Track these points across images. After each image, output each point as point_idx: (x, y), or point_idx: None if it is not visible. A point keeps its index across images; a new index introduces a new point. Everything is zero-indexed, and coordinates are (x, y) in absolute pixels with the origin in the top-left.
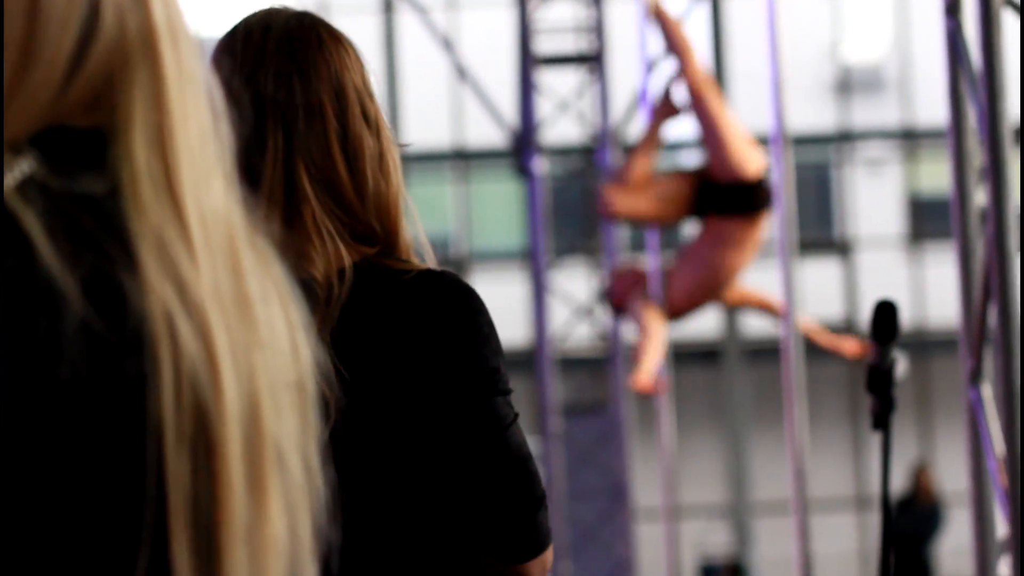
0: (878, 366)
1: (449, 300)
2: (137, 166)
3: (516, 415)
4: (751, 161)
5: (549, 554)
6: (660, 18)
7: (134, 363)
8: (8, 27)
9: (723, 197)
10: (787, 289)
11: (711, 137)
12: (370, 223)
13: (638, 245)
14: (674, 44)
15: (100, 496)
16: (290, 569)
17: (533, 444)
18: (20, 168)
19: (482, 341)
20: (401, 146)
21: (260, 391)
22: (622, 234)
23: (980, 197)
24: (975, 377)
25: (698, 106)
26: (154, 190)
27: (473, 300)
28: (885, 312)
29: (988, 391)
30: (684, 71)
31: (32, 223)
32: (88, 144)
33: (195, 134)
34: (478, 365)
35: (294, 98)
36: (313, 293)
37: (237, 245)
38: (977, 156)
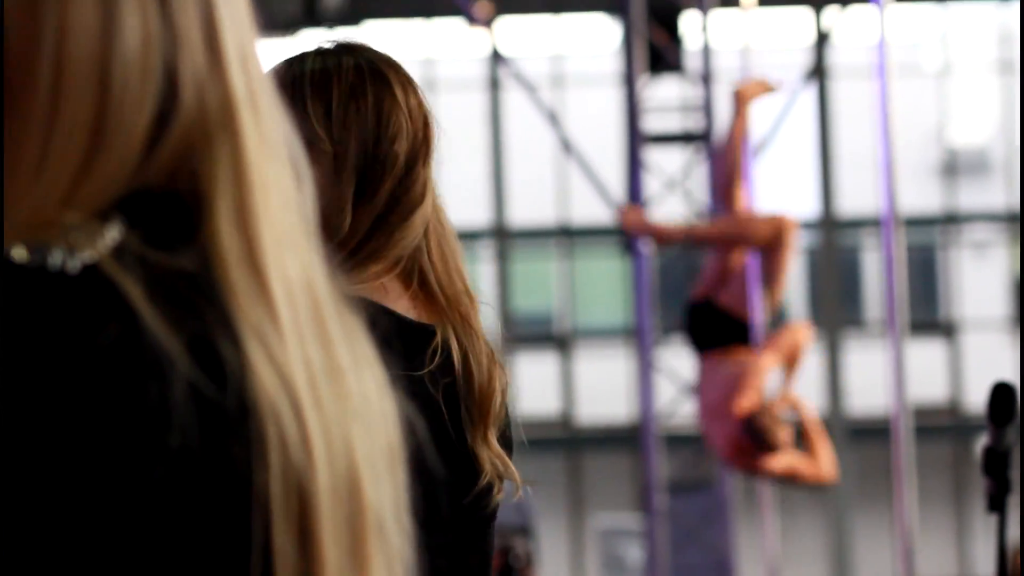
0: (995, 448)
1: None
2: (222, 244)
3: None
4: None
5: None
6: (740, 104)
7: (241, 433)
8: (73, 109)
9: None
10: (897, 369)
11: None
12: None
13: None
14: (737, 130)
15: (207, 571)
16: None
17: (638, 521)
18: (110, 235)
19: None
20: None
21: (359, 464)
22: None
23: None
24: None
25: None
26: (240, 267)
27: None
28: (1002, 394)
29: None
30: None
31: (133, 289)
32: (174, 213)
33: (277, 203)
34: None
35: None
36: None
37: (324, 315)
38: None
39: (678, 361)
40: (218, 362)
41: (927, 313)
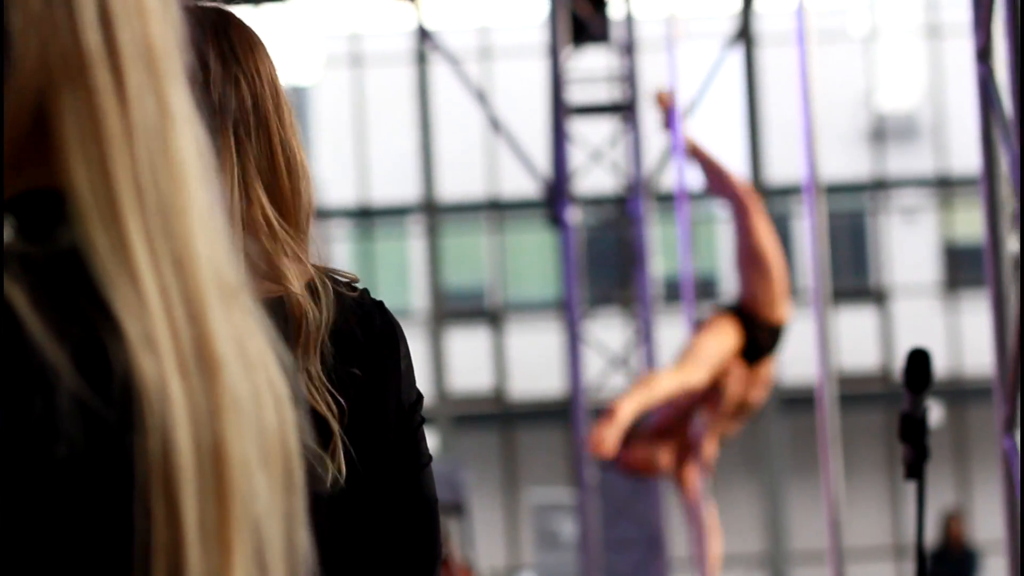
0: (911, 415)
1: (393, 325)
2: (84, 210)
3: (430, 457)
4: (785, 303)
5: None
6: (697, 155)
7: (125, 432)
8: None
9: (766, 337)
10: (821, 338)
11: (758, 270)
12: (305, 236)
13: (673, 295)
14: (714, 177)
15: (96, 561)
16: None
17: (569, 495)
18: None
19: (412, 370)
20: None
21: (227, 456)
22: (656, 283)
23: (1014, 244)
24: (1010, 425)
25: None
26: (103, 234)
27: (399, 326)
28: (918, 360)
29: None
30: (735, 201)
31: (18, 298)
32: (49, 200)
33: (150, 171)
34: (412, 394)
35: (244, 104)
36: (293, 312)
37: (203, 303)
38: (1010, 203)
39: (607, 334)
40: (105, 364)
41: (857, 280)
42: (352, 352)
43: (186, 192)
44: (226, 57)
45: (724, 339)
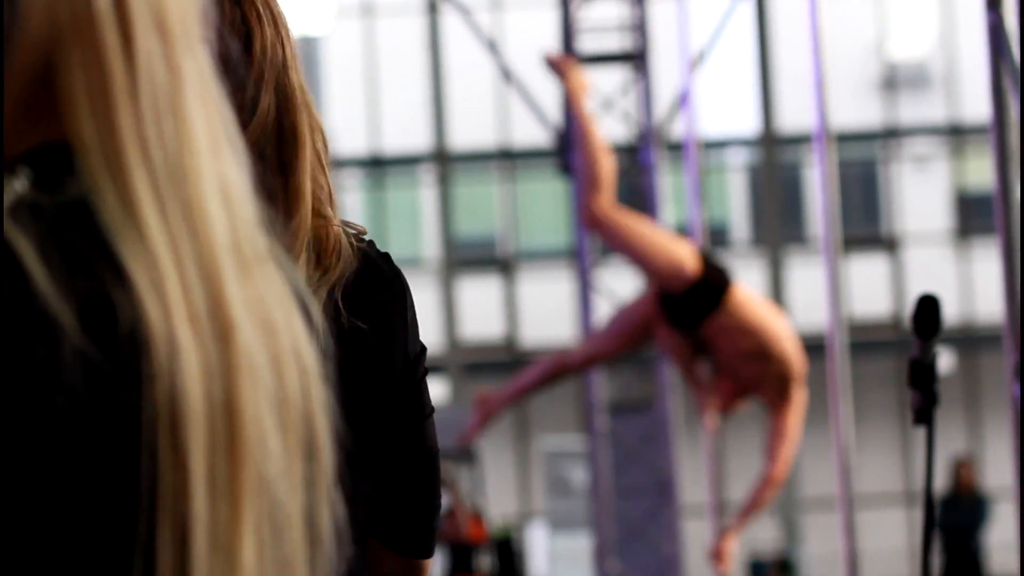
0: (921, 361)
1: (401, 277)
2: (91, 163)
3: (433, 409)
4: (685, 259)
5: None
6: (577, 110)
7: (129, 385)
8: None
9: (689, 304)
10: (831, 286)
11: (633, 255)
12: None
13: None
14: (585, 145)
15: (99, 510)
16: None
17: (580, 442)
18: (14, 189)
19: (416, 322)
20: None
21: (239, 413)
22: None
23: None
24: (1020, 371)
25: (609, 230)
26: (109, 191)
27: (405, 278)
28: (927, 307)
29: None
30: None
31: (26, 249)
32: (60, 151)
33: (158, 132)
34: (416, 346)
35: (277, 55)
36: (332, 255)
37: (217, 265)
38: (1020, 150)
39: (617, 282)
40: (111, 317)
41: (869, 228)
42: (361, 304)
43: (197, 156)
44: (243, 8)
45: (634, 309)
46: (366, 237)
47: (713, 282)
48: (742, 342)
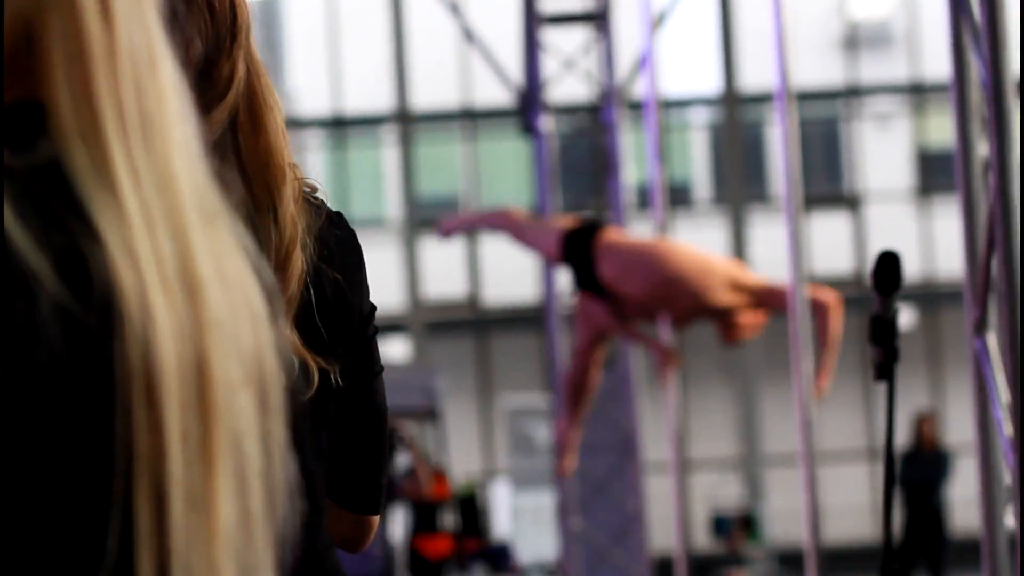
0: (881, 316)
1: (354, 235)
2: (64, 127)
3: (383, 367)
4: (557, 223)
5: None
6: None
7: (106, 339)
8: None
9: (576, 260)
10: (793, 243)
11: (523, 240)
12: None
13: (645, 202)
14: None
15: (76, 468)
16: (242, 544)
17: (543, 400)
18: None
19: (367, 280)
20: None
21: (210, 373)
22: (629, 190)
23: (984, 149)
24: (980, 327)
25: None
26: (81, 152)
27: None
28: (888, 262)
29: (993, 341)
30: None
31: (3, 207)
32: (33, 111)
33: (132, 90)
34: (367, 304)
35: (244, 20)
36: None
37: (184, 223)
38: (981, 108)
39: None
40: (85, 272)
41: (831, 186)
42: (326, 257)
43: (170, 115)
44: None
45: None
46: (319, 196)
47: (582, 230)
48: (637, 275)
